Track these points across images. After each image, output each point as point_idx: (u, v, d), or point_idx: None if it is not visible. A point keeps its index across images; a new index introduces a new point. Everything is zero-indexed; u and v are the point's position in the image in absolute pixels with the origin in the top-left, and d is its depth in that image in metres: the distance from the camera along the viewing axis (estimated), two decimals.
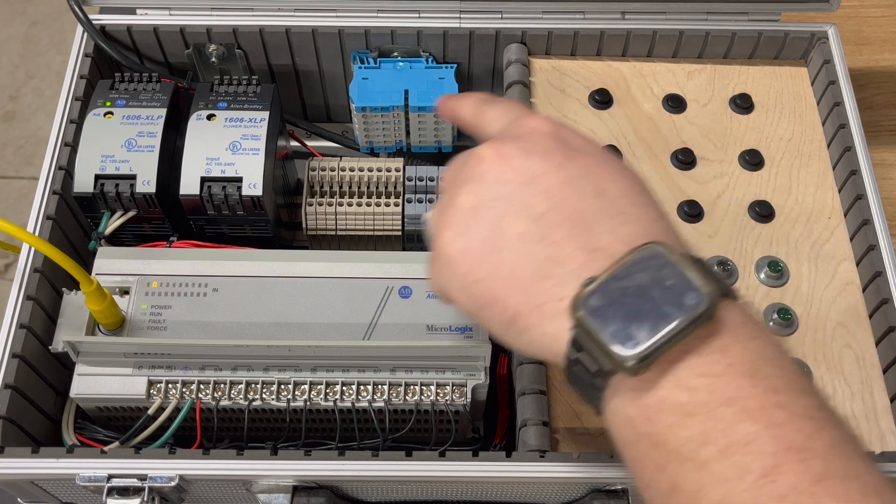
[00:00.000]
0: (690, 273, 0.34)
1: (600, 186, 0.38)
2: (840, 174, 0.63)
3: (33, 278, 0.56)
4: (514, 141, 0.40)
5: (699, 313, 0.33)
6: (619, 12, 0.68)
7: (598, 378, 0.34)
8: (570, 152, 0.39)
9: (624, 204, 0.38)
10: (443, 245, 0.40)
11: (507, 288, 0.37)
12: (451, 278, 0.40)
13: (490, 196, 0.39)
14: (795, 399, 0.32)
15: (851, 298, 0.59)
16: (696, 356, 0.33)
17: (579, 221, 0.37)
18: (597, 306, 0.34)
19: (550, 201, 0.38)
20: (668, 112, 0.66)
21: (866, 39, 0.87)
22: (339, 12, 0.67)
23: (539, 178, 0.38)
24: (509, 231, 0.38)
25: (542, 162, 0.39)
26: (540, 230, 0.37)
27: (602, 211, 0.37)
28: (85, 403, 0.54)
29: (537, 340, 0.37)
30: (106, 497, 0.49)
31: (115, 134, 0.59)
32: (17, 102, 1.62)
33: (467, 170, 0.41)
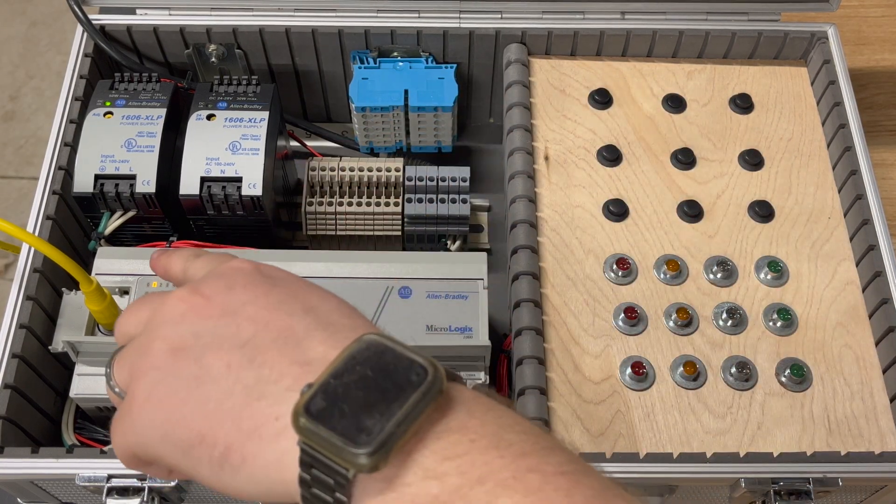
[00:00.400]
0: (411, 353, 0.32)
1: (309, 304, 0.36)
2: (840, 174, 0.63)
3: (33, 278, 0.56)
4: (214, 280, 0.38)
5: (428, 387, 0.31)
6: (619, 12, 0.68)
7: (339, 492, 0.31)
8: (274, 282, 0.38)
9: (336, 317, 0.36)
10: (138, 394, 0.36)
11: (215, 420, 0.33)
12: (150, 429, 0.35)
13: (191, 334, 0.36)
14: (546, 458, 0.31)
15: (851, 298, 0.59)
16: (435, 440, 0.31)
17: (290, 338, 0.35)
18: (319, 408, 0.31)
19: (256, 326, 0.35)
20: (668, 112, 0.66)
21: (866, 39, 0.87)
22: (338, 12, 0.67)
23: (243, 308, 0.36)
24: (214, 364, 0.35)
25: (245, 293, 0.37)
26: (247, 355, 0.34)
27: (312, 325, 0.35)
28: (85, 403, 0.54)
29: (258, 473, 0.33)
30: (106, 497, 0.49)
31: (115, 134, 0.59)
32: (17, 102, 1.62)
33: (162, 313, 0.37)
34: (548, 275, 0.59)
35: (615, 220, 0.61)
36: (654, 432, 0.53)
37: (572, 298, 0.58)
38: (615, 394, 0.55)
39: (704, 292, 0.59)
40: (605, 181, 0.63)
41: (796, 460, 0.51)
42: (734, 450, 0.53)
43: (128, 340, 0.39)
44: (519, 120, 0.64)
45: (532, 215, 0.61)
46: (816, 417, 0.54)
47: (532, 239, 0.59)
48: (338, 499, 0.31)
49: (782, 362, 0.56)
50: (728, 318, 0.57)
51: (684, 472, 0.50)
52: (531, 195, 0.61)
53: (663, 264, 0.59)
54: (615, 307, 0.58)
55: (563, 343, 0.56)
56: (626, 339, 0.57)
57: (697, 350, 0.56)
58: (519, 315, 0.56)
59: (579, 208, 0.62)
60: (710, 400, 0.55)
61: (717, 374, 0.55)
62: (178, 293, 0.38)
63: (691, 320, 0.57)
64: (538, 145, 0.65)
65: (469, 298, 0.55)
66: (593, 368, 0.56)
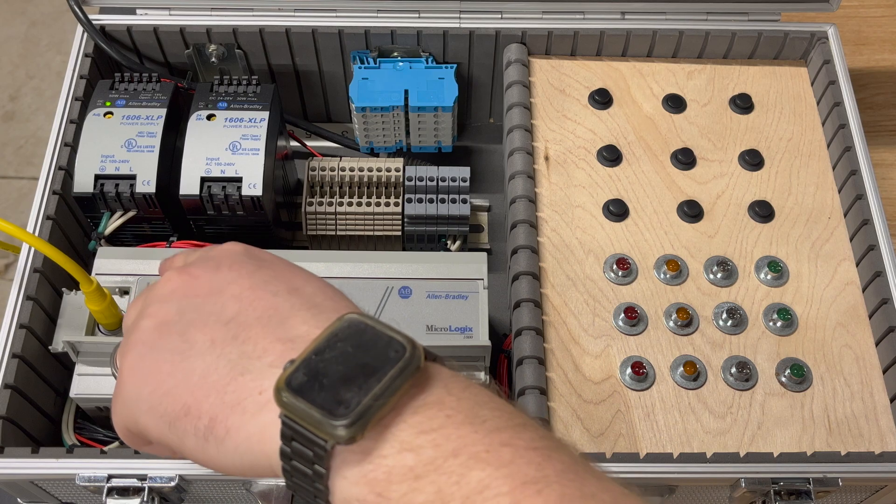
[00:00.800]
0: (390, 331, 0.33)
1: (293, 285, 0.37)
2: (840, 174, 0.63)
3: (33, 278, 0.56)
4: (203, 261, 0.39)
5: (406, 363, 0.32)
6: (619, 12, 0.68)
7: (317, 464, 0.32)
8: (261, 263, 0.39)
9: (320, 298, 0.37)
10: (126, 369, 0.37)
11: (200, 393, 0.35)
12: (137, 402, 0.36)
13: (177, 311, 0.37)
14: (518, 434, 0.31)
15: (851, 298, 0.59)
16: (412, 413, 0.31)
17: (273, 316, 0.36)
18: (300, 383, 0.32)
19: (241, 304, 0.36)
20: (668, 112, 0.66)
21: (866, 39, 0.87)
22: (339, 12, 0.67)
23: (229, 286, 0.37)
24: (199, 339, 0.36)
25: (231, 272, 0.38)
26: (231, 331, 0.35)
27: (297, 305, 0.36)
28: (85, 403, 0.54)
29: (242, 446, 0.34)
30: (106, 497, 0.49)
31: (115, 134, 0.59)
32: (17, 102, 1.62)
33: (152, 295, 0.39)
34: (548, 275, 0.59)
35: (615, 220, 0.61)
36: (655, 432, 0.53)
37: (572, 298, 0.58)
38: (615, 394, 0.55)
39: (704, 292, 0.59)
40: (605, 181, 0.63)
41: (796, 460, 0.51)
42: (734, 450, 0.53)
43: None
44: (519, 120, 0.64)
45: (532, 215, 0.61)
46: (816, 417, 0.54)
47: (532, 239, 0.59)
48: (317, 470, 0.32)
49: (782, 362, 0.56)
50: (728, 318, 0.57)
51: (684, 472, 0.50)
52: (531, 195, 0.61)
53: (663, 264, 0.59)
54: (615, 307, 0.58)
55: (563, 343, 0.56)
56: (626, 339, 0.57)
57: (697, 350, 0.56)
58: (519, 315, 0.56)
59: (579, 208, 0.62)
60: (710, 400, 0.55)
61: (717, 374, 0.55)
62: (168, 274, 0.39)
63: (691, 320, 0.57)
64: (538, 145, 0.65)
65: (469, 298, 0.55)
66: (593, 368, 0.56)
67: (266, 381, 0.33)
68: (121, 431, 0.39)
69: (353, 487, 0.31)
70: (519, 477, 0.30)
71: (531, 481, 0.30)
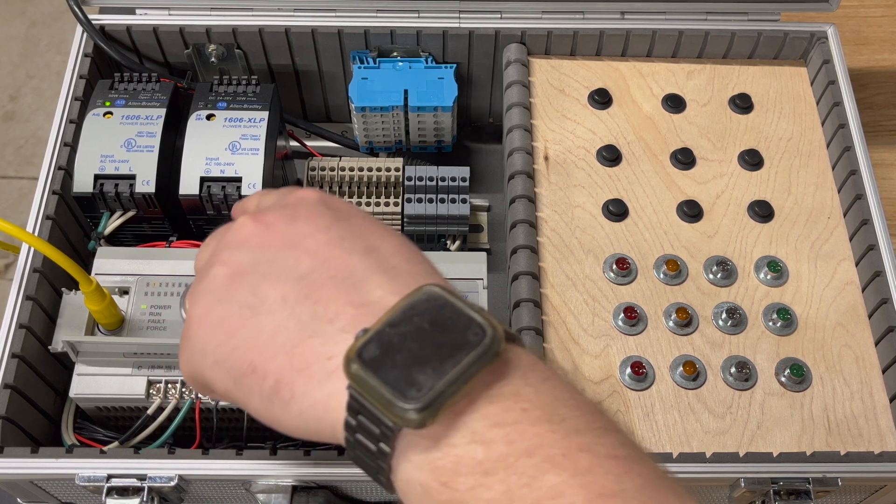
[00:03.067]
0: (471, 311, 0.31)
1: (370, 244, 0.36)
2: (840, 174, 0.63)
3: (33, 278, 0.56)
4: (278, 209, 0.38)
5: (485, 349, 0.30)
6: (619, 12, 0.68)
7: (383, 442, 0.30)
8: (338, 215, 0.37)
9: (396, 260, 0.35)
10: (195, 318, 0.36)
11: (267, 353, 0.33)
12: (204, 354, 0.36)
13: (250, 262, 0.36)
14: (599, 438, 0.29)
15: (851, 298, 0.58)
16: (486, 403, 0.30)
17: (348, 278, 0.34)
18: (372, 356, 0.30)
19: (316, 261, 0.35)
20: (668, 112, 0.66)
21: (866, 39, 0.87)
22: (338, 12, 0.67)
23: (304, 240, 0.36)
24: (270, 295, 0.34)
25: (307, 225, 0.36)
26: (304, 290, 0.34)
27: (373, 267, 0.34)
28: (84, 403, 0.54)
29: (307, 412, 0.32)
30: (105, 497, 0.49)
31: (115, 134, 0.59)
32: (17, 102, 1.62)
33: (225, 240, 0.38)
34: (547, 275, 0.59)
35: (615, 220, 0.61)
36: (654, 432, 0.53)
37: (572, 298, 0.58)
38: (615, 394, 0.55)
39: (704, 292, 0.59)
40: (604, 181, 0.63)
41: (796, 460, 0.51)
42: (734, 450, 0.53)
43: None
44: (519, 120, 0.64)
45: (532, 215, 0.61)
46: (816, 417, 0.54)
47: (532, 239, 0.59)
48: (381, 448, 0.31)
49: (782, 362, 0.56)
50: (728, 317, 0.57)
51: (684, 472, 0.50)
52: (531, 195, 0.61)
53: (663, 264, 0.59)
54: (615, 307, 0.58)
55: (563, 343, 0.56)
56: (625, 338, 0.57)
57: (697, 350, 0.56)
58: (519, 315, 0.56)
59: (579, 208, 0.62)
60: (709, 400, 0.55)
61: (717, 373, 0.55)
62: (242, 220, 0.38)
63: (691, 320, 0.57)
64: (538, 145, 0.65)
65: (469, 298, 0.55)
66: (593, 368, 0.56)
67: (336, 347, 0.32)
68: (186, 377, 0.38)
69: (418, 472, 0.30)
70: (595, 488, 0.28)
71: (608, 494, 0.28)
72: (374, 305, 0.33)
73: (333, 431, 0.32)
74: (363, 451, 0.31)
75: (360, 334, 0.31)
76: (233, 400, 0.36)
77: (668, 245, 0.60)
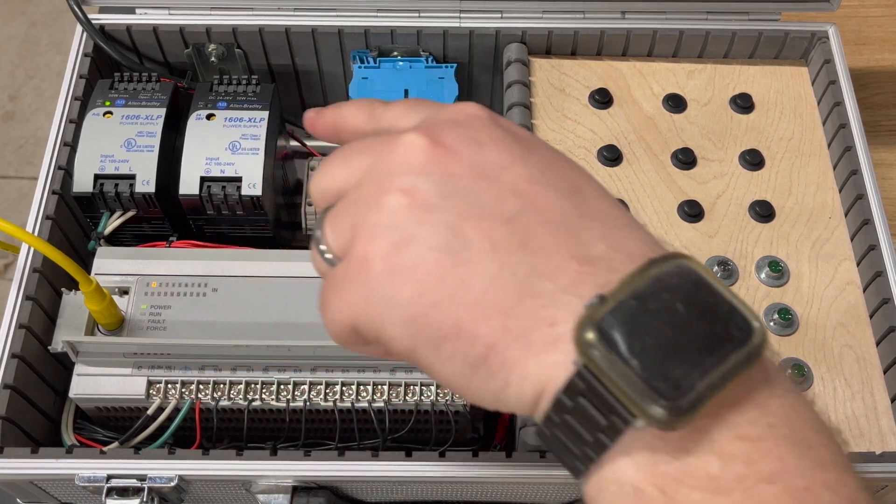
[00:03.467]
0: (732, 297, 0.26)
1: (573, 183, 0.30)
2: (840, 174, 0.63)
3: (33, 278, 0.56)
4: (452, 127, 0.30)
5: (751, 350, 0.25)
6: (619, 12, 0.68)
7: (604, 434, 0.26)
8: (525, 142, 0.30)
9: (604, 205, 0.30)
10: (374, 257, 0.29)
11: (478, 313, 0.27)
12: (390, 306, 0.28)
13: (438, 193, 0.28)
14: (843, 476, 0.26)
15: (852, 298, 0.58)
16: (734, 411, 0.25)
17: (562, 224, 0.28)
18: (614, 333, 0.25)
19: (522, 199, 0.28)
20: (668, 112, 0.66)
21: (866, 39, 0.87)
22: (338, 12, 0.67)
23: (501, 172, 0.29)
24: (474, 237, 0.28)
25: (499, 153, 0.29)
26: (516, 235, 0.28)
27: (586, 213, 0.29)
28: (84, 403, 0.54)
29: (513, 384, 0.27)
30: (105, 497, 0.49)
31: (115, 134, 0.58)
32: (17, 102, 1.62)
33: (391, 160, 0.30)
34: None
35: None
36: None
37: None
38: None
39: None
40: (605, 181, 0.63)
41: None
42: None
43: (336, 198, 0.32)
44: (519, 120, 0.64)
45: None
46: None
47: None
48: (599, 440, 0.26)
49: (783, 362, 0.56)
50: None
51: None
52: None
53: None
54: None
55: None
56: None
57: None
58: None
59: None
60: None
61: None
62: (410, 137, 0.30)
63: None
64: None
65: None
66: None
67: (558, 312, 0.26)
68: (338, 327, 0.31)
69: (635, 472, 0.26)
70: None
71: None
72: (600, 263, 0.27)
73: (534, 407, 0.27)
74: (571, 435, 0.26)
75: (594, 301, 0.26)
76: (414, 362, 0.29)
77: (668, 245, 0.60)
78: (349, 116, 0.37)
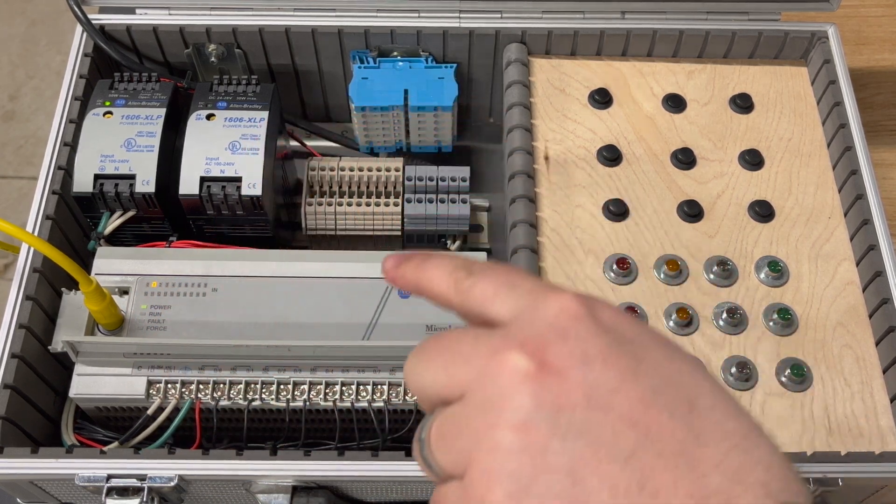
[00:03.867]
0: None
1: (686, 394, 0.28)
2: (840, 174, 0.63)
3: (33, 278, 0.56)
4: (557, 342, 0.29)
5: None
6: (619, 12, 0.68)
7: None
8: (633, 350, 0.29)
9: (720, 415, 0.28)
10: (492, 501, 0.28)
11: None
12: None
13: (552, 431, 0.27)
14: None
15: (851, 298, 0.58)
16: None
17: (679, 454, 0.27)
18: None
19: (637, 430, 0.27)
20: (668, 112, 0.66)
21: (866, 39, 0.87)
22: (338, 12, 0.67)
23: (614, 398, 0.28)
24: (593, 485, 0.27)
25: (608, 370, 0.28)
26: (635, 476, 0.27)
27: (702, 434, 0.27)
28: (84, 403, 0.54)
29: None
30: (105, 497, 0.49)
31: (115, 134, 0.58)
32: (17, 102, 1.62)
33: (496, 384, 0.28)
34: (548, 275, 0.59)
35: (615, 220, 0.61)
36: None
37: None
38: None
39: (704, 292, 0.59)
40: (605, 181, 0.63)
41: (796, 460, 0.51)
42: None
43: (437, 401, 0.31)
44: (519, 120, 0.64)
45: (532, 215, 0.61)
46: (816, 417, 0.54)
47: (532, 239, 0.59)
48: None
49: (782, 362, 0.56)
50: (728, 318, 0.57)
51: None
52: (531, 195, 0.61)
53: (663, 264, 0.59)
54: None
55: None
56: None
57: (697, 350, 0.56)
58: None
59: (579, 208, 0.62)
60: None
61: (718, 374, 0.55)
62: (515, 361, 0.28)
63: (691, 320, 0.57)
64: (538, 145, 0.64)
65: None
66: None
67: None
68: None
69: None
70: None
71: None
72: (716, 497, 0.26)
73: None
74: None
75: None
76: None
77: (668, 245, 0.60)
78: (434, 281, 0.36)
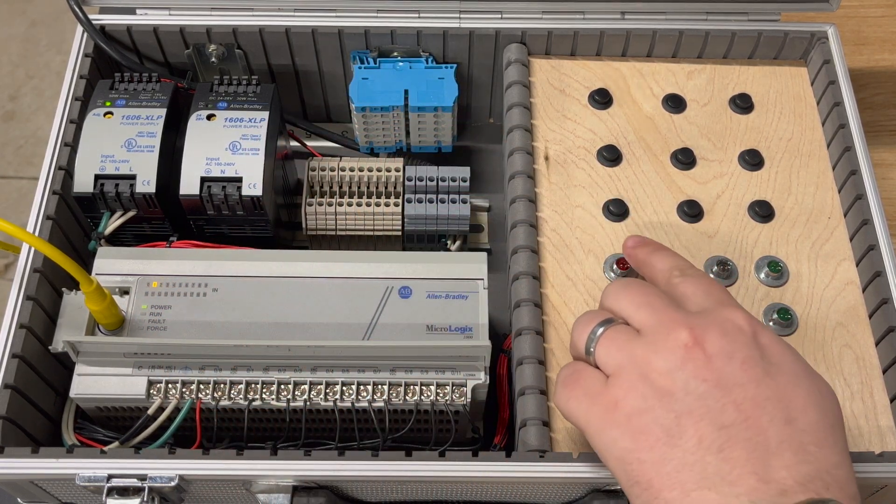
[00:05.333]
0: None
1: (790, 414, 0.38)
2: (840, 174, 0.63)
3: (33, 278, 0.56)
4: (717, 336, 0.40)
5: None
6: (619, 12, 0.68)
7: None
8: (769, 367, 0.40)
9: (809, 440, 0.38)
10: (620, 409, 0.40)
11: (667, 482, 0.37)
12: (612, 445, 0.40)
13: (683, 387, 0.39)
14: None
15: (851, 298, 0.59)
16: None
17: (760, 445, 0.37)
18: None
19: (740, 415, 0.38)
20: (668, 112, 0.66)
21: (866, 39, 0.87)
22: (338, 12, 0.67)
23: (734, 388, 0.38)
24: (689, 431, 0.38)
25: (742, 372, 0.39)
26: (720, 441, 0.37)
27: (786, 442, 0.37)
28: (85, 403, 0.54)
29: None
30: (106, 497, 0.49)
31: (115, 134, 0.59)
32: (17, 102, 1.62)
33: (662, 345, 0.41)
34: (548, 275, 0.59)
35: (615, 220, 0.61)
36: None
37: (572, 298, 0.58)
38: None
39: None
40: (605, 181, 0.63)
41: None
42: None
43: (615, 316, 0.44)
44: (519, 120, 0.64)
45: (532, 215, 0.61)
46: None
47: (532, 239, 0.59)
48: None
49: None
50: None
51: None
52: (531, 195, 0.61)
53: None
54: None
55: (564, 343, 0.56)
56: None
57: None
58: (519, 315, 0.56)
59: (579, 208, 0.62)
60: None
61: None
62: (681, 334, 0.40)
63: None
64: (538, 145, 0.65)
65: (469, 298, 0.55)
66: None
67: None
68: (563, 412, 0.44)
69: None
70: None
71: None
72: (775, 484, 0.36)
73: None
74: None
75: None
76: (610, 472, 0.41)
77: (668, 245, 0.60)
78: (656, 267, 0.49)
